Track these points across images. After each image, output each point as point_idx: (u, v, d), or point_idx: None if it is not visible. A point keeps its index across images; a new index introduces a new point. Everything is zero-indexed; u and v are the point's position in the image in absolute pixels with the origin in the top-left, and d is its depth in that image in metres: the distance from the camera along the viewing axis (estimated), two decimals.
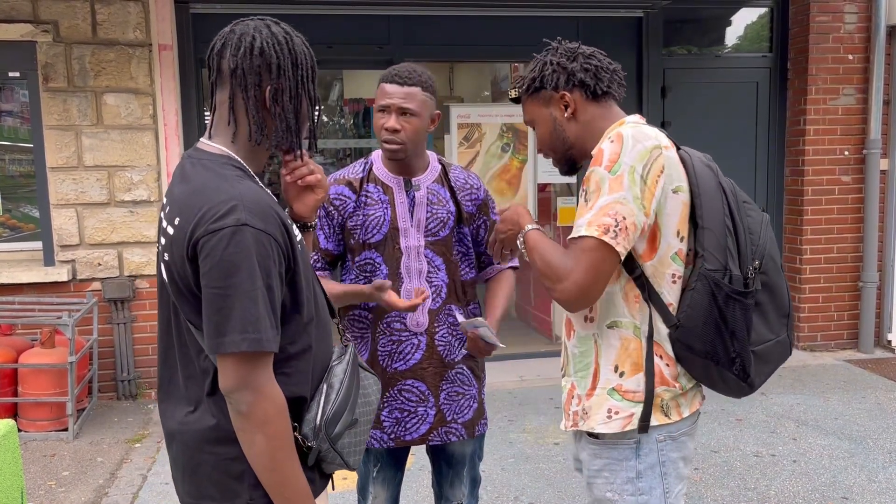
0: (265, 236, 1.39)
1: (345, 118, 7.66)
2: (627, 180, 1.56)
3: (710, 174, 1.67)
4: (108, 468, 4.04)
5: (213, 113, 1.55)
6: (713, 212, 1.62)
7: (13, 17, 4.86)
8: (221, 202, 1.38)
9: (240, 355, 1.37)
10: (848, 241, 6.03)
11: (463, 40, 5.79)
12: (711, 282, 1.60)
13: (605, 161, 1.59)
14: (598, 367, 1.71)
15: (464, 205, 2.30)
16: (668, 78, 5.94)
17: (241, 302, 1.36)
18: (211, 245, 1.36)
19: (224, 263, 1.35)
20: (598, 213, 1.56)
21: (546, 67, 1.78)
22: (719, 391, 1.73)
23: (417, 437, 2.29)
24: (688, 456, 1.74)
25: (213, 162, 1.48)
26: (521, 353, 5.90)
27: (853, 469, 3.87)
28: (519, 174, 5.89)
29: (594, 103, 1.77)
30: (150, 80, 5.03)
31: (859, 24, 5.86)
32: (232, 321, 1.36)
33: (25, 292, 4.92)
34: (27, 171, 5.17)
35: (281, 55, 1.50)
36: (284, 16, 6.21)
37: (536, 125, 1.83)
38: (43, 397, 4.43)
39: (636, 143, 1.59)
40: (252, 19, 1.55)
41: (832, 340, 6.09)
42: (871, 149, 5.86)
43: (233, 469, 1.47)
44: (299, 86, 1.52)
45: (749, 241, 1.64)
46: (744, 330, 1.62)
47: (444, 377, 2.29)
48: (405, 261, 2.24)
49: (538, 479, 3.82)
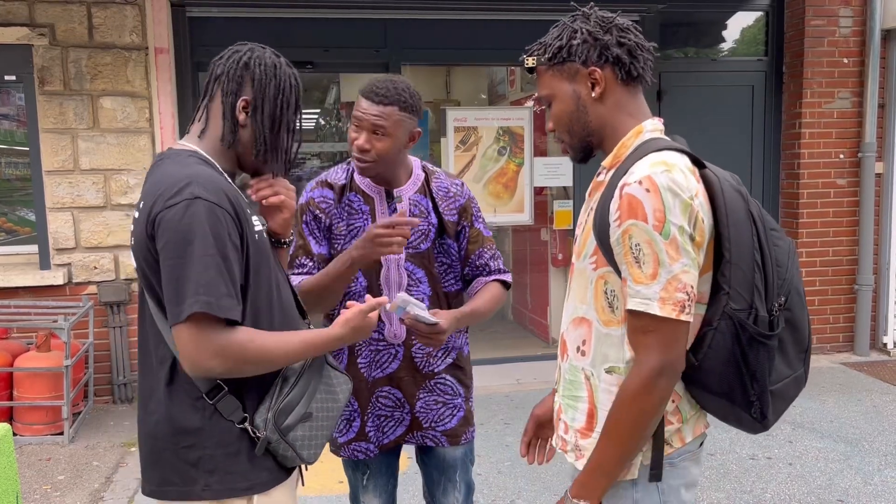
0: (218, 209, 1.48)
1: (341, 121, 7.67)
2: (681, 243, 1.43)
3: (741, 201, 1.51)
4: (103, 472, 4.03)
5: (195, 113, 1.68)
6: (742, 246, 1.47)
7: (9, 21, 4.85)
8: (178, 181, 1.48)
9: (194, 319, 1.43)
10: (843, 245, 6.04)
11: (459, 44, 5.80)
12: (737, 323, 1.46)
13: (651, 218, 1.42)
14: (595, 409, 1.59)
15: (445, 215, 2.23)
16: (663, 81, 5.96)
17: (194, 268, 1.43)
18: (167, 219, 1.45)
19: (178, 234, 1.44)
20: (669, 288, 1.42)
21: (576, 36, 1.56)
22: (731, 425, 1.62)
23: (394, 437, 2.27)
24: (691, 482, 1.60)
25: (179, 155, 1.59)
26: (517, 356, 5.91)
27: (849, 472, 3.87)
28: (515, 177, 5.90)
29: (624, 87, 1.58)
30: (147, 84, 5.02)
31: (854, 28, 5.88)
32: (188, 287, 1.43)
33: (21, 296, 4.91)
34: (23, 175, 5.16)
35: (264, 75, 1.61)
36: (282, 19, 6.21)
37: (554, 101, 1.61)
38: (38, 401, 4.42)
39: (675, 197, 1.43)
40: (263, 48, 1.66)
41: (828, 343, 6.10)
42: (867, 152, 5.88)
43: (189, 456, 1.55)
44: (277, 110, 1.62)
45: (776, 275, 1.50)
46: (765, 372, 1.50)
47: (421, 387, 2.25)
48: (385, 273, 2.19)
49: (534, 483, 3.82)
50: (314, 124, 8.41)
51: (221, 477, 1.55)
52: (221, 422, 1.55)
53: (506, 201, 5.91)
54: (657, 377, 1.45)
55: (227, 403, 1.55)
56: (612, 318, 1.55)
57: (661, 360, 1.45)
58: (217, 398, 1.54)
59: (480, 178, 5.84)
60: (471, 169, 5.84)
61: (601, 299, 1.57)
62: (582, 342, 1.62)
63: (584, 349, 1.62)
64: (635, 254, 1.44)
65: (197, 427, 1.54)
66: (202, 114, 1.65)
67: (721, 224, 1.48)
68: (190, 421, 1.54)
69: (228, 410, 1.55)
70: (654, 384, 1.45)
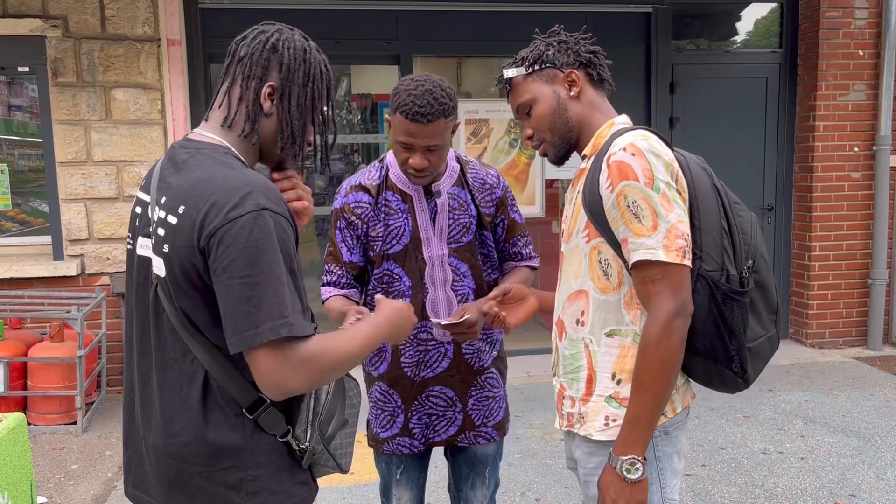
0: (283, 220, 1.35)
1: (352, 114, 7.66)
2: (671, 196, 1.58)
3: (706, 177, 1.68)
4: (116, 461, 4.06)
5: (214, 99, 1.52)
6: (710, 214, 1.64)
7: (23, 13, 4.87)
8: (235, 189, 1.33)
9: (277, 343, 1.30)
10: (857, 238, 6.00)
11: (471, 35, 5.79)
12: (710, 282, 1.61)
13: (641, 177, 1.56)
14: (594, 373, 1.71)
15: (482, 208, 2.21)
16: (677, 73, 5.92)
17: (272, 288, 1.30)
18: (233, 233, 1.29)
19: (250, 250, 1.29)
20: (670, 236, 1.56)
21: (550, 47, 1.78)
22: (716, 389, 1.75)
23: (446, 437, 2.25)
24: (681, 450, 1.76)
25: (214, 151, 1.43)
26: (528, 348, 5.90)
27: (861, 467, 3.85)
28: (527, 170, 5.88)
29: (594, 88, 1.78)
30: (159, 75, 5.04)
31: (870, 20, 5.82)
32: (265, 309, 1.29)
33: (35, 286, 4.95)
34: (36, 166, 5.19)
35: (293, 59, 1.46)
36: (293, 10, 6.20)
37: (536, 104, 1.77)
38: (52, 391, 4.46)
39: (658, 158, 1.58)
40: (292, 29, 1.52)
41: (841, 338, 6.07)
42: (881, 145, 5.83)
43: (228, 479, 1.41)
44: (307, 98, 1.48)
45: (742, 241, 1.66)
46: (741, 328, 1.64)
47: (472, 384, 2.24)
48: (429, 271, 2.15)
49: (545, 475, 3.82)
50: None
51: (265, 499, 1.43)
52: (263, 438, 1.43)
53: (517, 194, 5.90)
54: (674, 318, 1.56)
55: (269, 417, 1.42)
56: (607, 285, 1.68)
57: (675, 303, 1.56)
58: (259, 412, 1.41)
59: None
60: (482, 161, 5.83)
61: (596, 269, 1.69)
62: (581, 314, 1.73)
63: (582, 320, 1.73)
64: (633, 210, 1.57)
65: (237, 446, 1.41)
66: (223, 99, 1.48)
67: (690, 196, 1.64)
68: (229, 439, 1.40)
69: (271, 425, 1.43)
70: (672, 326, 1.56)
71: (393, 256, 2.15)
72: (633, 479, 1.58)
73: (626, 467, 1.58)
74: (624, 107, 1.94)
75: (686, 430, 1.78)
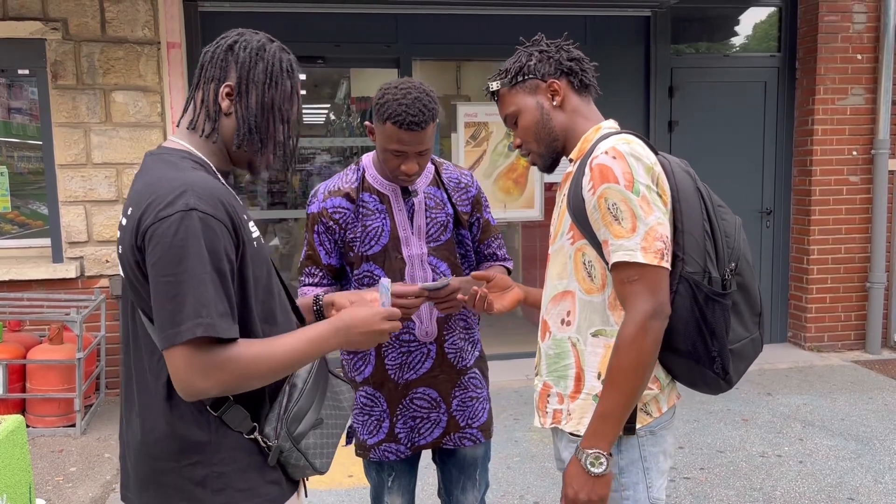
0: (214, 221, 1.36)
1: (351, 116, 7.66)
2: (651, 199, 1.60)
3: (690, 180, 1.71)
4: (115, 464, 4.06)
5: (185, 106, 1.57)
6: (693, 216, 1.66)
7: (23, 15, 4.88)
8: (171, 189, 1.36)
9: (194, 343, 1.32)
10: (856, 242, 6.01)
11: (470, 39, 5.80)
12: (693, 284, 1.63)
13: (621, 180, 1.59)
14: (582, 371, 1.73)
15: (459, 206, 2.24)
16: (675, 77, 5.93)
17: (191, 288, 1.31)
18: (160, 232, 1.32)
19: (172, 251, 1.32)
20: (648, 238, 1.59)
21: (532, 57, 1.80)
22: (698, 390, 1.77)
23: (431, 440, 2.26)
24: (667, 450, 1.77)
25: (172, 156, 1.47)
26: (526, 351, 5.90)
27: (859, 470, 3.86)
28: (525, 173, 5.89)
29: (578, 95, 1.81)
30: (159, 78, 5.04)
31: (868, 24, 5.84)
32: (186, 308, 1.31)
33: (34, 289, 4.95)
34: (36, 168, 5.20)
35: (249, 58, 1.48)
36: (293, 14, 6.21)
37: (521, 115, 1.82)
38: (51, 393, 4.46)
39: (638, 161, 1.61)
40: (256, 33, 1.53)
41: (839, 341, 6.07)
42: (880, 149, 5.84)
43: (195, 474, 1.43)
44: (265, 95, 1.48)
45: (725, 244, 1.68)
46: (723, 329, 1.66)
47: (456, 384, 2.25)
48: (409, 270, 2.17)
49: (543, 478, 3.82)
50: (324, 119, 8.41)
51: (231, 495, 1.44)
52: (229, 434, 1.44)
53: (516, 197, 5.91)
54: (650, 320, 1.58)
55: (233, 414, 1.45)
56: (592, 286, 1.71)
57: (652, 304, 1.59)
58: (223, 409, 1.44)
59: (491, 174, 5.84)
60: (481, 164, 5.84)
61: (581, 270, 1.72)
62: (566, 314, 1.76)
63: (568, 319, 1.76)
64: (613, 212, 1.60)
65: (203, 441, 1.43)
66: (189, 104, 1.53)
67: (673, 199, 1.66)
68: (195, 435, 1.43)
69: (236, 421, 1.45)
70: (648, 326, 1.58)
71: (372, 258, 2.16)
72: (596, 472, 1.60)
73: (590, 461, 1.60)
74: (623, 110, 1.96)
75: (672, 430, 1.80)
